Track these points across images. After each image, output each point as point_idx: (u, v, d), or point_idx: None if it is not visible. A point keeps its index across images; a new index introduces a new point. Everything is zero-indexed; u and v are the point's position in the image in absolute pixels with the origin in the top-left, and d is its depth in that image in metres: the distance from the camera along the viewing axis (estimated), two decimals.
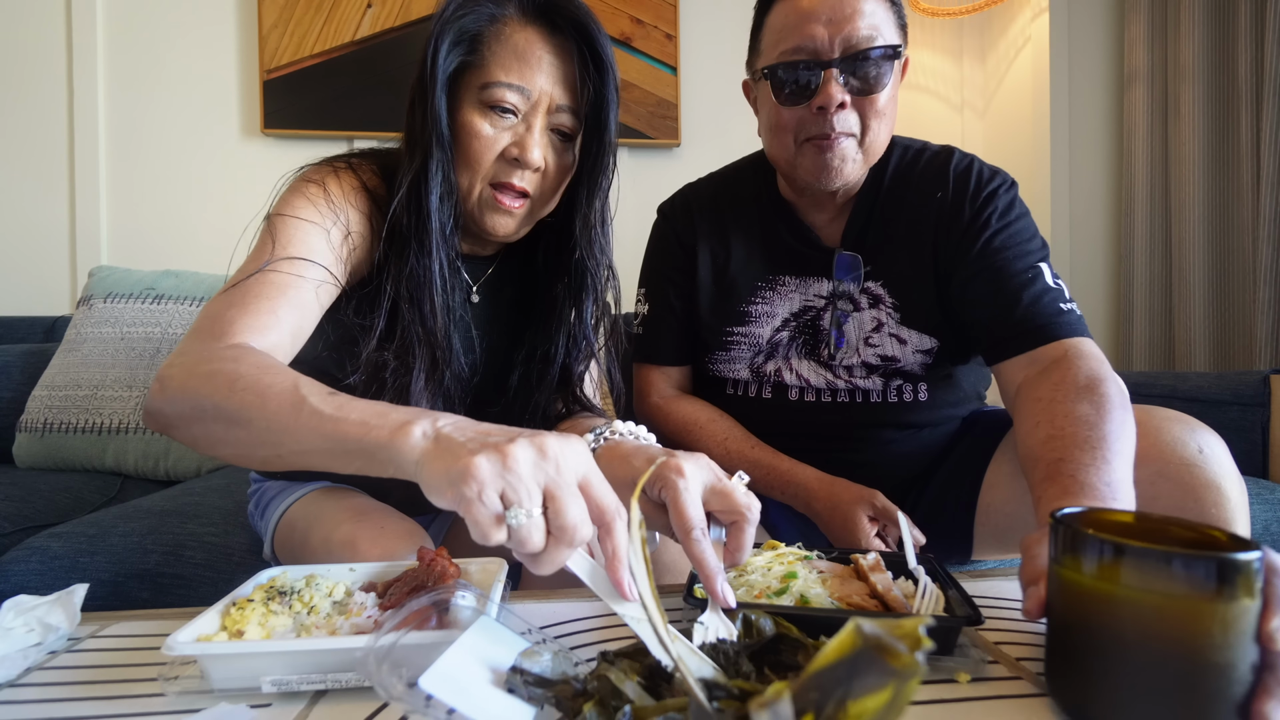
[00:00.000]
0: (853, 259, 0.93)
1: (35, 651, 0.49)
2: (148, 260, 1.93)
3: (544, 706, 0.38)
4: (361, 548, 0.68)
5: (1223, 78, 1.83)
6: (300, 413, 0.50)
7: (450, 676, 0.36)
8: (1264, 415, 1.36)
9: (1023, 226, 0.88)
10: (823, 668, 0.28)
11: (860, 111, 0.84)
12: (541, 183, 0.77)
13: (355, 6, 1.99)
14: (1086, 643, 0.39)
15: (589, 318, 0.84)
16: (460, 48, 0.73)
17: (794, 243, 0.96)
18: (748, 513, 0.52)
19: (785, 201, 0.97)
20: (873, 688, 0.27)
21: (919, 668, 0.26)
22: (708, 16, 2.16)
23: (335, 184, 0.75)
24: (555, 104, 0.75)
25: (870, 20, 0.81)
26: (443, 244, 0.74)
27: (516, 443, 0.42)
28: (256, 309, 0.64)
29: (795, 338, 0.95)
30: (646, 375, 1.04)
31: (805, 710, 0.28)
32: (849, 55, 0.81)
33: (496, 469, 0.40)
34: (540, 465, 0.41)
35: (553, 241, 0.85)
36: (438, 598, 0.45)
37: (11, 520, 1.11)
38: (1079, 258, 2.11)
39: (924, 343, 0.90)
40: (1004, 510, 0.86)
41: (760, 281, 0.97)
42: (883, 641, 0.27)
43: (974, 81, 2.34)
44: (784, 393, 0.94)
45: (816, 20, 0.81)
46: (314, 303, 0.69)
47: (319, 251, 0.71)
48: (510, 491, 0.40)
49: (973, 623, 0.47)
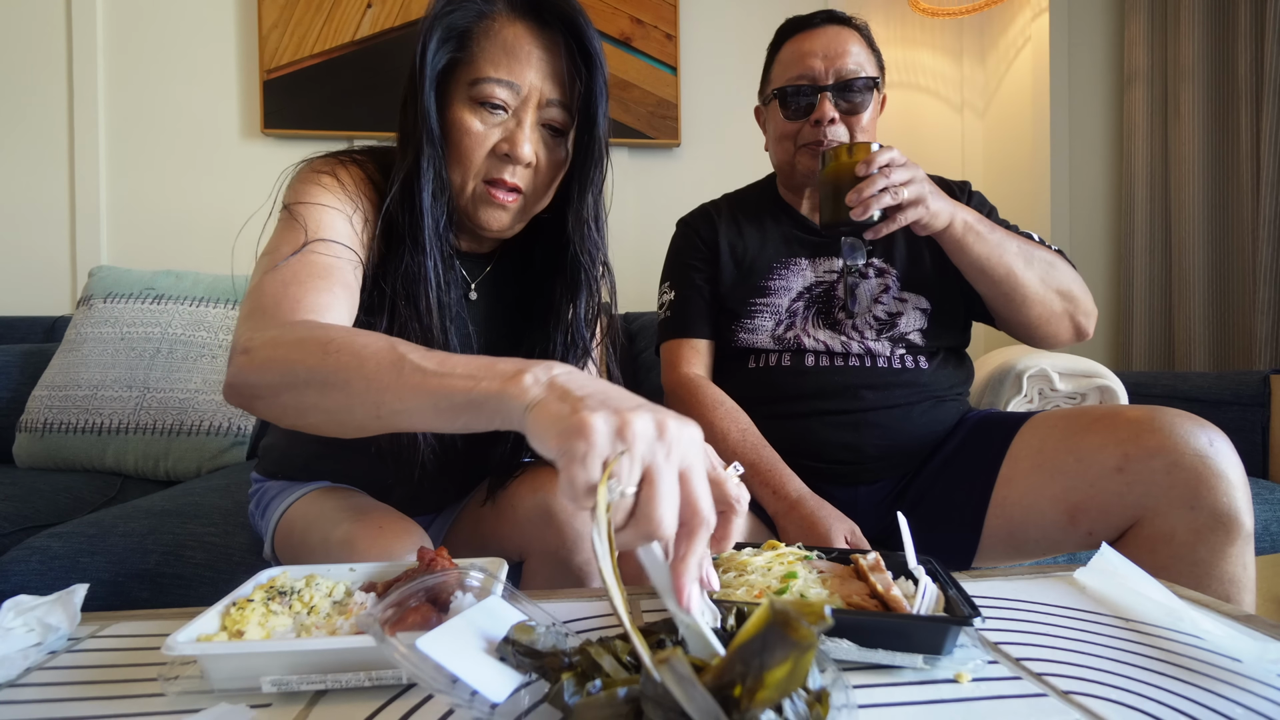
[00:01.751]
0: (855, 242, 1.07)
1: (35, 651, 0.50)
2: (148, 260, 1.93)
3: (532, 675, 0.40)
4: (360, 547, 0.68)
5: (1223, 78, 1.83)
6: (401, 371, 0.48)
7: (446, 641, 0.39)
8: (1264, 415, 1.37)
9: (995, 213, 1.10)
10: (744, 642, 0.31)
11: (847, 126, 1.06)
12: (534, 178, 0.77)
13: (355, 6, 1.99)
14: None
15: (583, 314, 0.84)
16: (449, 44, 0.73)
17: (803, 234, 1.12)
18: (737, 504, 0.52)
19: (790, 206, 1.15)
20: (780, 660, 0.30)
21: (815, 640, 0.29)
22: (708, 16, 2.16)
23: (345, 174, 0.75)
24: (545, 99, 0.75)
25: (856, 59, 1.05)
26: (436, 240, 0.74)
27: (638, 413, 0.39)
28: (315, 287, 0.63)
29: (811, 306, 1.07)
30: (676, 348, 1.12)
31: (735, 682, 0.31)
32: (839, 82, 1.04)
33: (610, 434, 0.38)
34: (654, 444, 0.38)
35: (549, 238, 0.85)
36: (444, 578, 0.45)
37: (11, 520, 1.11)
38: (1079, 258, 2.11)
39: (920, 303, 1.05)
40: (1021, 504, 0.89)
41: (776, 262, 1.10)
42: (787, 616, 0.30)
43: (974, 81, 2.34)
44: (802, 358, 1.04)
45: (815, 56, 1.05)
46: (355, 284, 0.69)
47: (347, 235, 0.71)
48: (615, 463, 0.38)
49: (972, 623, 0.47)
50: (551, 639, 0.41)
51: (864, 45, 1.07)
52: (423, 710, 0.42)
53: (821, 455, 0.99)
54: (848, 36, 1.06)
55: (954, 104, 2.34)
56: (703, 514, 0.40)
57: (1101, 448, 0.82)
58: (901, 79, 2.28)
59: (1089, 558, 0.63)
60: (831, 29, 1.07)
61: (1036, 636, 0.52)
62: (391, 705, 0.42)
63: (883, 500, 0.99)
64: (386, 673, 0.43)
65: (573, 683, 0.36)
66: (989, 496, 0.91)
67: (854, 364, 1.02)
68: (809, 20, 1.09)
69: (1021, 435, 0.92)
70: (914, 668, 0.46)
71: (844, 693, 0.36)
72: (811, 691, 0.34)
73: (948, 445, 0.99)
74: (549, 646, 0.40)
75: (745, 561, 0.57)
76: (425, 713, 0.41)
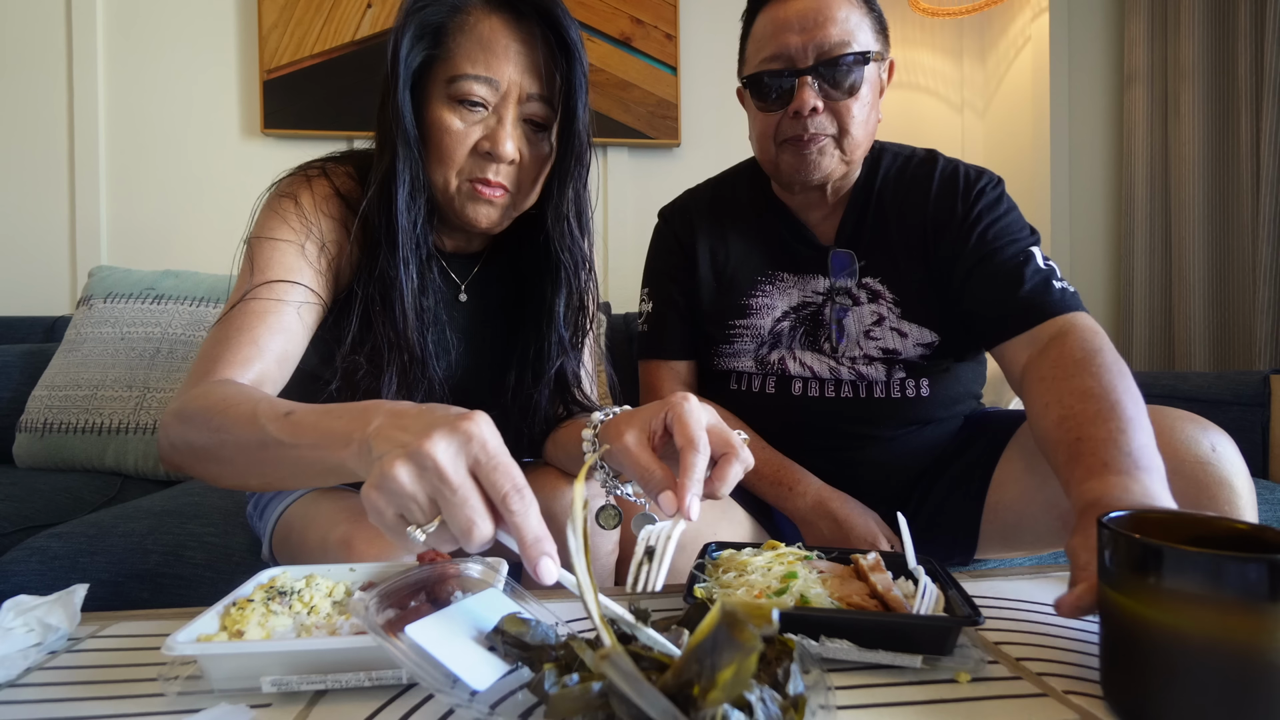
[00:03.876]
0: (848, 256, 0.95)
1: (35, 651, 0.49)
2: (148, 260, 1.93)
3: (519, 666, 0.41)
4: (358, 548, 0.68)
5: (1223, 78, 1.83)
6: (265, 447, 0.52)
7: (436, 629, 0.40)
8: (1264, 415, 1.37)
9: (1013, 219, 0.91)
10: (698, 643, 0.32)
11: (835, 114, 0.88)
12: (518, 175, 0.76)
13: (355, 6, 1.99)
14: (1146, 648, 0.39)
15: (561, 312, 0.82)
16: (424, 42, 0.72)
17: (790, 240, 0.99)
18: (740, 450, 0.54)
19: (780, 202, 1.00)
20: (729, 661, 0.31)
21: (759, 643, 0.30)
22: (708, 16, 2.16)
23: (307, 195, 0.75)
24: (525, 93, 0.73)
25: (843, 28, 0.85)
26: (412, 244, 0.74)
27: (396, 463, 0.41)
28: (239, 342, 0.65)
29: (796, 328, 0.96)
30: (655, 371, 1.05)
31: (693, 682, 0.32)
32: (821, 62, 0.85)
33: (387, 496, 0.42)
34: (421, 479, 0.41)
35: (535, 236, 0.83)
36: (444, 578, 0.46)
37: (11, 520, 1.11)
38: (1079, 258, 2.11)
39: (924, 336, 0.92)
40: (1014, 508, 0.87)
41: (759, 276, 0.99)
42: (734, 618, 0.31)
43: (974, 81, 2.34)
44: (788, 385, 0.95)
45: (791, 29, 0.86)
46: (298, 324, 0.70)
47: (297, 270, 0.71)
48: (406, 514, 0.42)
49: (972, 623, 0.47)
50: (542, 633, 0.42)
51: (856, 5, 0.88)
52: (423, 710, 0.42)
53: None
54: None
55: (954, 104, 2.34)
56: (502, 490, 0.42)
57: None
58: (901, 79, 2.28)
59: None
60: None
61: (1036, 636, 0.52)
62: (391, 705, 0.42)
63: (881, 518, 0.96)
64: (386, 673, 0.43)
65: (554, 673, 0.37)
66: (984, 500, 0.90)
67: (846, 394, 0.93)
68: None
69: (1017, 438, 0.90)
70: (914, 668, 0.46)
71: (824, 694, 0.36)
72: (789, 696, 0.34)
73: (945, 450, 0.97)
74: (538, 640, 0.41)
75: (745, 561, 0.57)
76: (425, 713, 0.41)
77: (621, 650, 0.34)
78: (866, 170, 0.97)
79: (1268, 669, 0.36)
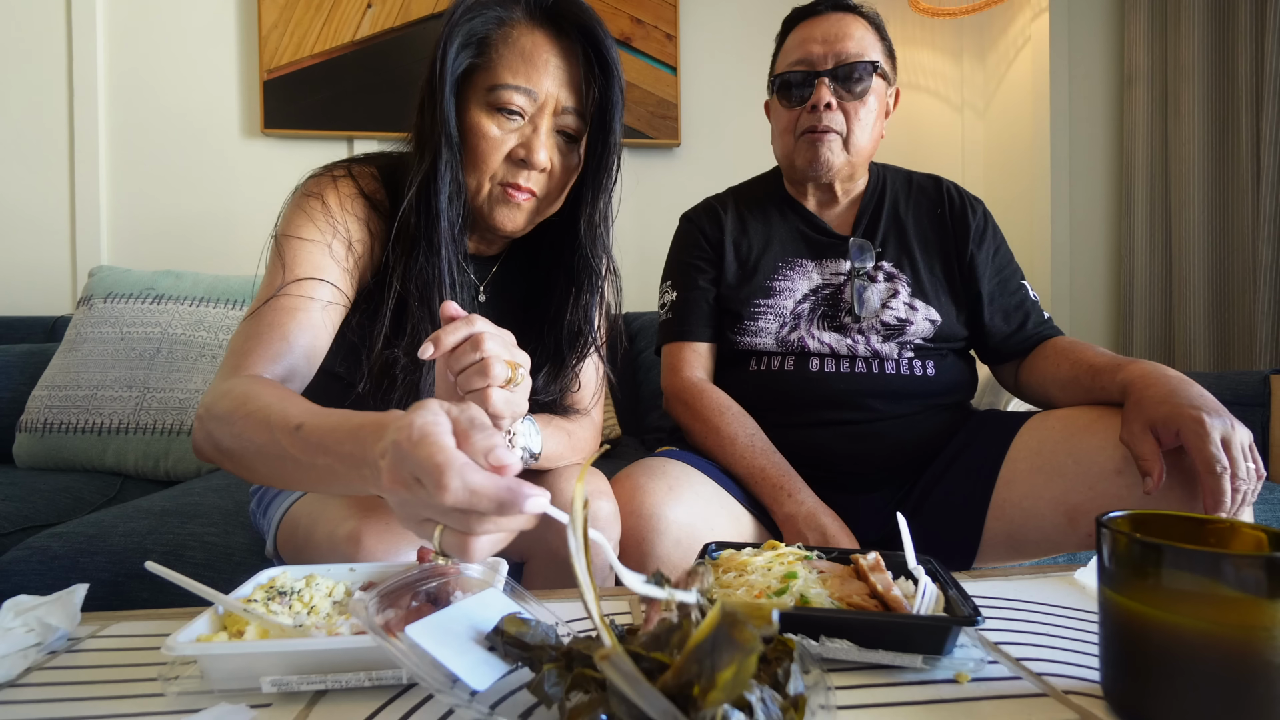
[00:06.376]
0: (864, 243, 1.05)
1: (35, 651, 0.50)
2: (148, 260, 1.93)
3: (519, 666, 0.41)
4: (367, 544, 0.68)
5: (1223, 78, 1.83)
6: (284, 462, 0.54)
7: (436, 629, 0.40)
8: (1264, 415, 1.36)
9: (1007, 245, 1.10)
10: (698, 643, 0.32)
11: (845, 114, 1.03)
12: (547, 183, 0.79)
13: (355, 6, 1.99)
14: (1146, 648, 0.39)
15: (593, 314, 0.85)
16: (469, 50, 0.74)
17: (810, 232, 1.09)
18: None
19: (797, 202, 1.12)
20: (729, 661, 0.31)
21: (758, 644, 0.30)
22: (708, 16, 2.16)
23: (334, 195, 0.77)
24: (561, 106, 0.76)
25: (858, 43, 1.02)
26: (451, 243, 0.76)
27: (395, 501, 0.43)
28: (270, 338, 0.67)
29: (816, 309, 1.04)
30: (678, 352, 1.09)
31: (693, 682, 0.32)
32: (839, 67, 1.01)
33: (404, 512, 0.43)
34: (412, 504, 0.41)
35: (556, 240, 0.86)
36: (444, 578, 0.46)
37: (11, 520, 1.11)
38: (1079, 258, 2.11)
39: (930, 314, 1.02)
40: (1021, 505, 0.88)
41: (781, 262, 1.07)
42: (734, 619, 0.31)
43: (974, 81, 2.34)
44: (806, 362, 1.02)
45: (815, 41, 1.03)
46: (324, 322, 0.72)
47: (325, 269, 0.73)
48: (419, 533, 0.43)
49: (972, 623, 0.47)
50: (542, 633, 0.42)
51: (870, 31, 1.04)
52: (423, 710, 0.42)
53: (826, 464, 0.98)
54: (851, 22, 1.03)
55: (954, 104, 2.34)
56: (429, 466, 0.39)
57: (1101, 449, 0.82)
58: (901, 79, 2.28)
59: (1089, 558, 0.63)
60: (835, 15, 1.04)
61: (1036, 636, 0.52)
62: (391, 705, 0.42)
63: (885, 506, 0.98)
64: (386, 673, 0.43)
65: (554, 673, 0.37)
66: (989, 498, 0.91)
67: (860, 369, 1.00)
68: (813, 8, 1.06)
69: (1021, 436, 0.92)
70: (914, 668, 0.46)
71: (824, 694, 0.36)
72: (789, 696, 0.34)
73: (949, 447, 0.99)
74: (538, 640, 0.41)
75: (745, 561, 0.56)
76: (425, 713, 0.41)
77: (621, 650, 0.34)
78: (874, 180, 1.11)
79: (1268, 668, 0.36)
